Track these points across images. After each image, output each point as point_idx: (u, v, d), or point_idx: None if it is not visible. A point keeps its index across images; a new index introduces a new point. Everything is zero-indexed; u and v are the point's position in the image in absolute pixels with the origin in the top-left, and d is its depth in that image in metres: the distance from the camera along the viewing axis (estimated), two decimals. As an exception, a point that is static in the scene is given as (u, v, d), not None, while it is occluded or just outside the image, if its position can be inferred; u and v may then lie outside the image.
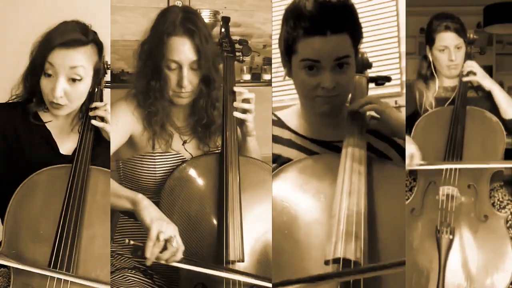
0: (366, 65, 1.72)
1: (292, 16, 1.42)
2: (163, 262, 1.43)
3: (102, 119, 1.58)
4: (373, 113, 1.53)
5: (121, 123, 1.65)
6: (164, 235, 1.42)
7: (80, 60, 1.53)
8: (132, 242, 1.42)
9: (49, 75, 1.52)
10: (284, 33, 1.45)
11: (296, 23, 1.40)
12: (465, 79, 2.09)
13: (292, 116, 1.62)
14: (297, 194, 1.37)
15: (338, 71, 1.42)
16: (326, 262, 1.20)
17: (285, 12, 1.45)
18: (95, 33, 1.59)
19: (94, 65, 1.57)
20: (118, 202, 1.53)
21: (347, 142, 1.42)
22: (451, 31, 2.10)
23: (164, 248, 1.42)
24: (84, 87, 1.56)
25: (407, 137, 1.86)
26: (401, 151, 1.62)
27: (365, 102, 1.52)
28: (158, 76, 1.64)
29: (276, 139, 1.58)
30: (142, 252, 1.40)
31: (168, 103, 1.69)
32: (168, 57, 1.62)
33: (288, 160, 1.50)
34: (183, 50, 1.62)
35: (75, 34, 1.53)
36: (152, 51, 1.65)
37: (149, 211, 1.47)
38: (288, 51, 1.46)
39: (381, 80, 1.75)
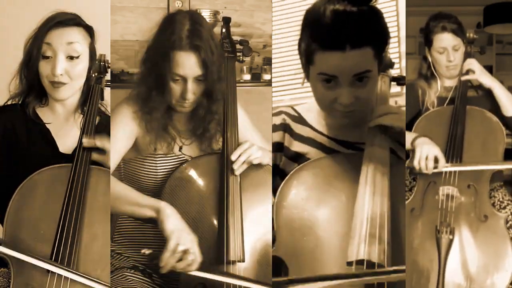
0: (389, 64, 1.65)
1: (310, 25, 1.33)
2: (178, 270, 1.44)
3: (102, 151, 1.54)
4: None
5: (123, 130, 1.64)
6: (182, 247, 1.43)
7: (76, 37, 1.59)
8: (148, 252, 1.44)
9: (47, 57, 1.56)
10: (303, 39, 1.36)
11: (313, 35, 1.30)
12: (464, 78, 2.07)
13: (311, 112, 1.57)
14: (317, 193, 1.34)
15: (357, 85, 1.32)
16: (349, 263, 1.19)
17: (305, 15, 1.36)
18: (82, 20, 1.65)
19: (88, 46, 1.62)
20: (139, 211, 1.53)
21: (371, 141, 1.38)
22: (448, 31, 2.10)
23: (180, 258, 1.43)
24: (82, 66, 1.60)
25: (427, 139, 1.85)
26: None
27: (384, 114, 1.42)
28: (162, 88, 1.63)
29: (297, 137, 1.55)
30: (158, 260, 1.42)
31: (169, 109, 1.68)
32: (173, 71, 1.59)
33: (309, 159, 1.47)
34: (188, 64, 1.59)
35: (67, 15, 1.61)
36: (157, 62, 1.62)
37: (171, 221, 1.48)
38: (306, 59, 1.36)
39: (402, 80, 1.73)
